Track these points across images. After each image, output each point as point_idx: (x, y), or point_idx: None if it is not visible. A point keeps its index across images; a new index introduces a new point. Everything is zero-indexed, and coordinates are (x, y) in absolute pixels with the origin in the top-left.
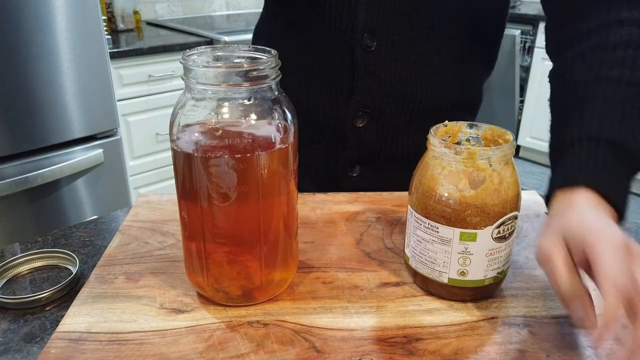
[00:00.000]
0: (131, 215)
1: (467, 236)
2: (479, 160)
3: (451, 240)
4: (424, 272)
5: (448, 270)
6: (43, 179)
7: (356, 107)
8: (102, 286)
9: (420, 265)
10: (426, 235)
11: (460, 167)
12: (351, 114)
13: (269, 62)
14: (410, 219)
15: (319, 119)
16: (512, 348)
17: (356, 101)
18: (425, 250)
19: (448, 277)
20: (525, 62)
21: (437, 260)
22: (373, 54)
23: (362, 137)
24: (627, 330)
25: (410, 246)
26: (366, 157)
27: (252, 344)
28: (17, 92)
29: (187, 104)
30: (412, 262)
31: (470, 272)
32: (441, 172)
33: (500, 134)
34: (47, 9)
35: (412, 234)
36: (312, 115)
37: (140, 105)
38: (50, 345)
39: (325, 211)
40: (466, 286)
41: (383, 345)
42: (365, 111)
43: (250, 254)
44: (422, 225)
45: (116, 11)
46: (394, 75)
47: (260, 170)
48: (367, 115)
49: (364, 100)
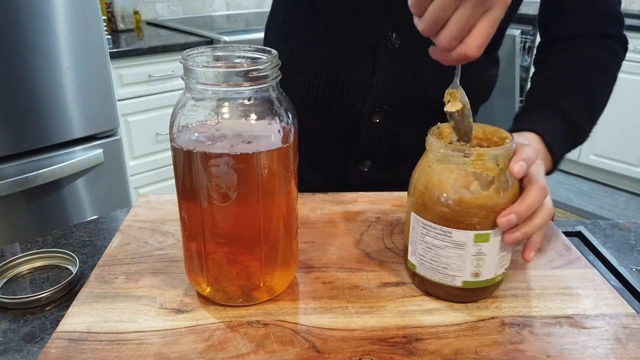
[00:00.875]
0: (131, 215)
1: (481, 238)
2: (488, 161)
3: (465, 244)
4: (435, 279)
5: (462, 274)
6: (43, 179)
7: (374, 103)
8: (102, 286)
9: (431, 272)
10: (437, 241)
11: (469, 169)
12: (368, 109)
13: (269, 62)
14: (415, 226)
15: (334, 112)
16: (512, 348)
17: (375, 97)
18: (436, 257)
19: (462, 280)
20: (525, 62)
21: (451, 265)
22: (396, 52)
23: (376, 132)
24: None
25: (418, 254)
26: (378, 152)
27: (252, 344)
28: (17, 92)
29: (187, 104)
30: (420, 270)
31: (483, 272)
32: (449, 176)
33: (493, 131)
34: (47, 9)
35: (419, 242)
36: (326, 109)
37: (140, 105)
38: (50, 345)
39: (325, 211)
40: (479, 287)
41: (383, 345)
42: (382, 107)
43: (250, 254)
44: (433, 232)
45: (116, 11)
46: (414, 74)
47: (260, 170)
48: (384, 112)
49: (383, 96)
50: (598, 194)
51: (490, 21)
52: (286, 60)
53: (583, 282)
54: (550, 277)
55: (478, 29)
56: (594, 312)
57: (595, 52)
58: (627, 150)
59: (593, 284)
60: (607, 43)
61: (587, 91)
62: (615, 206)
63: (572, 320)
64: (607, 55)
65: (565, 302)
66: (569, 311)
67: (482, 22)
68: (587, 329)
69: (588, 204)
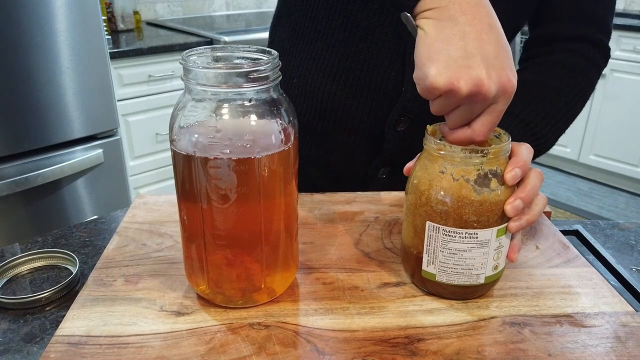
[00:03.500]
0: (128, 216)
1: (502, 231)
2: (502, 157)
3: (489, 241)
4: (458, 282)
5: (485, 270)
6: (43, 179)
7: (401, 112)
8: (100, 289)
9: (455, 276)
10: (463, 245)
11: (486, 168)
12: (394, 118)
13: (269, 63)
14: (433, 236)
15: (357, 121)
16: (514, 347)
17: (403, 106)
18: (461, 260)
19: (485, 276)
20: None
21: (475, 265)
22: None
23: (401, 140)
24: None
25: (438, 262)
26: (399, 160)
27: (254, 346)
28: (18, 92)
29: (187, 105)
30: (441, 277)
31: (501, 263)
32: (469, 179)
33: None
34: (47, 9)
35: (440, 250)
36: (350, 118)
37: (140, 105)
38: (49, 350)
39: (323, 211)
40: (497, 278)
41: (385, 346)
42: (408, 116)
43: (250, 256)
44: (458, 237)
45: (116, 11)
46: None
47: (261, 171)
48: (409, 120)
49: (411, 105)
50: (598, 194)
51: (496, 114)
52: (301, 64)
53: (582, 280)
54: (549, 276)
55: (484, 117)
56: (593, 311)
57: (576, 60)
58: (627, 150)
59: (592, 283)
60: (590, 51)
61: (557, 101)
62: (615, 206)
63: (572, 319)
64: (587, 64)
65: (564, 300)
66: (569, 310)
67: (488, 112)
68: (587, 327)
69: (588, 204)
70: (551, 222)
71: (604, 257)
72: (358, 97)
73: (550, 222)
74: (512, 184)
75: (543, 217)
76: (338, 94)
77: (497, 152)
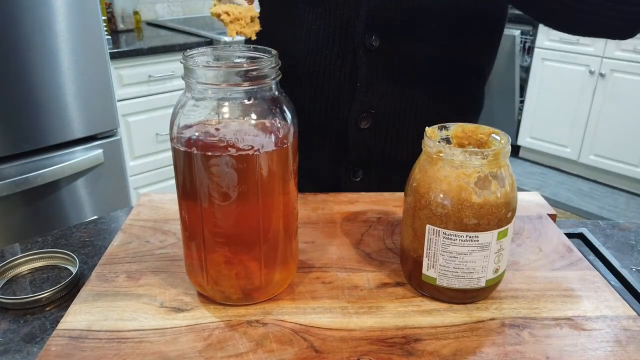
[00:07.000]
0: (133, 214)
1: (502, 234)
2: (502, 158)
3: (490, 244)
4: (459, 285)
5: (486, 273)
6: (43, 179)
7: (360, 108)
8: (103, 284)
9: (455, 280)
10: (463, 248)
11: (485, 170)
12: (355, 115)
13: (269, 62)
14: (433, 239)
15: (321, 119)
16: (512, 349)
17: (361, 102)
18: (461, 264)
19: (486, 280)
20: (525, 62)
21: (476, 268)
22: (375, 54)
23: (366, 139)
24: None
25: (439, 265)
26: (369, 161)
27: (251, 343)
28: (17, 92)
29: (187, 103)
30: (441, 281)
31: (501, 266)
32: (469, 181)
33: (474, 129)
34: (47, 9)
35: (440, 254)
36: (315, 119)
37: (140, 105)
38: (50, 343)
39: (326, 211)
40: (498, 281)
41: (381, 346)
42: (369, 112)
43: (249, 254)
44: (458, 240)
45: (116, 11)
46: (398, 75)
47: (260, 169)
48: (372, 116)
49: (368, 100)
50: (598, 194)
51: None
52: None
53: (584, 283)
54: (551, 279)
55: None
56: (594, 314)
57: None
58: (627, 150)
59: (594, 286)
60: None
61: None
62: (615, 206)
63: (572, 322)
64: None
65: (565, 303)
66: (569, 313)
67: None
68: (588, 330)
69: (588, 204)
70: (555, 225)
71: (607, 259)
72: (319, 94)
73: (554, 225)
74: None
75: (548, 220)
76: (300, 97)
77: (497, 153)
